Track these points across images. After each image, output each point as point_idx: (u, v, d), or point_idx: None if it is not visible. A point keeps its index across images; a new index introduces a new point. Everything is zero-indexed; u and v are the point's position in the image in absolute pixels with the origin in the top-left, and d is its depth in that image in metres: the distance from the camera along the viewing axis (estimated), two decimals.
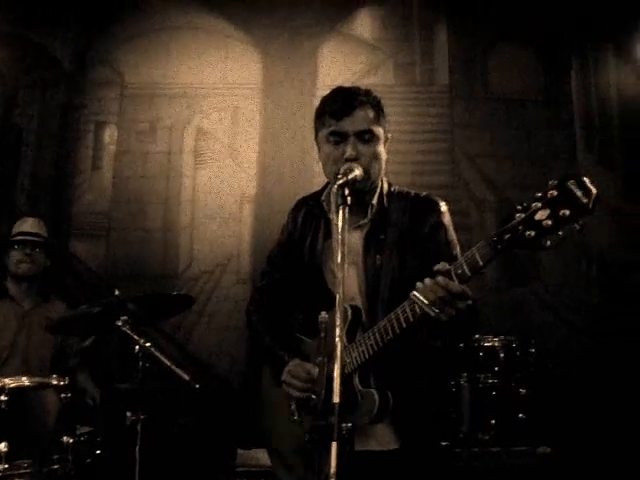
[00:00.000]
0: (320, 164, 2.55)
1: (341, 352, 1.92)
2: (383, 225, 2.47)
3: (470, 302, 2.09)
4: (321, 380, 2.00)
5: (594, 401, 4.95)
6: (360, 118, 2.42)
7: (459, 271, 2.05)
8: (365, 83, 5.71)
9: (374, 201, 2.50)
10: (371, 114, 2.45)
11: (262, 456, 4.60)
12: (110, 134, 5.80)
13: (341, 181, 2.17)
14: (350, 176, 2.23)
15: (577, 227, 1.82)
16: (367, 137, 2.42)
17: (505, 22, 5.83)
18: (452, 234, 2.52)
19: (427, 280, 2.07)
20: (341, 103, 2.45)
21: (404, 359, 2.36)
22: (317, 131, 2.54)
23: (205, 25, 5.92)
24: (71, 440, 3.40)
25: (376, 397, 2.29)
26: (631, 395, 4.91)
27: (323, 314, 2.04)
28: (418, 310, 2.12)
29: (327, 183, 2.64)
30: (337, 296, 1.97)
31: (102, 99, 5.81)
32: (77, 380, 4.25)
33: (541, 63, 5.83)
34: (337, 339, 1.92)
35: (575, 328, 5.39)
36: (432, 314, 2.06)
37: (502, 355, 4.35)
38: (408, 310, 2.16)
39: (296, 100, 5.77)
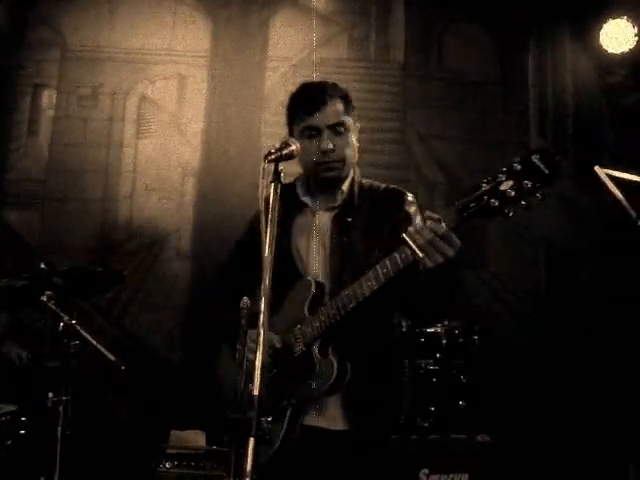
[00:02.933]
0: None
1: (264, 341, 1.87)
2: (351, 210, 2.58)
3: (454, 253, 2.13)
4: (242, 371, 1.89)
5: (535, 390, 4.97)
6: (331, 112, 2.54)
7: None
8: (317, 57, 5.61)
9: (344, 187, 2.60)
10: (340, 107, 2.56)
11: (196, 437, 4.51)
12: (49, 98, 5.53)
13: (273, 156, 2.10)
14: (285, 151, 2.14)
15: (539, 197, 1.97)
16: (340, 129, 2.54)
17: (463, 1, 5.72)
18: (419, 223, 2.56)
19: (417, 223, 2.21)
20: (312, 98, 2.57)
21: (362, 335, 2.41)
22: (290, 126, 2.64)
23: None
24: None
25: (335, 365, 2.34)
26: (571, 385, 4.93)
27: (245, 299, 1.94)
28: (404, 257, 2.18)
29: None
30: (264, 280, 1.90)
31: (41, 61, 5.53)
32: (3, 350, 4.11)
33: (498, 45, 5.75)
34: (260, 327, 1.87)
35: (520, 316, 5.38)
36: (418, 258, 2.12)
37: (444, 341, 4.33)
38: (392, 259, 2.21)
39: (245, 72, 5.61)
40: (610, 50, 5.42)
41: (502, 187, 1.98)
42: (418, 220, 2.51)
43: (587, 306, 5.14)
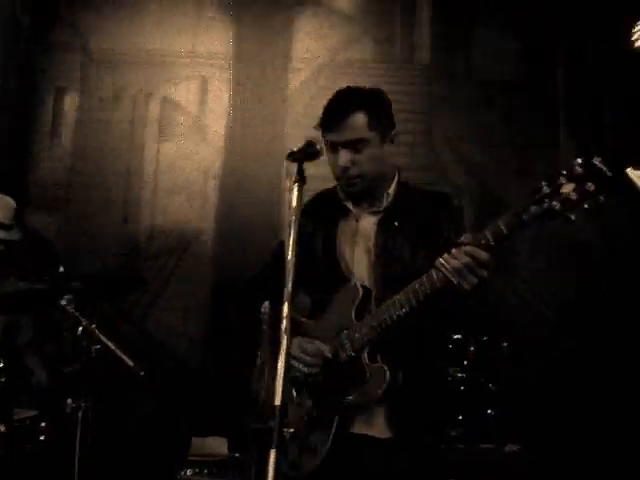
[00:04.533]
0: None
1: (287, 348, 1.82)
2: (397, 214, 2.56)
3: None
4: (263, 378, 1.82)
5: (564, 399, 4.84)
6: (349, 128, 2.48)
7: (482, 241, 2.14)
8: (341, 58, 5.56)
9: (390, 190, 2.59)
10: (362, 121, 2.49)
11: (218, 444, 4.45)
12: (71, 101, 5.51)
13: (297, 155, 2.08)
14: (308, 151, 2.10)
15: (602, 199, 1.96)
16: (359, 146, 2.49)
17: (490, 1, 5.62)
18: (465, 227, 2.58)
19: (453, 249, 2.17)
20: (331, 114, 2.54)
21: (411, 343, 2.40)
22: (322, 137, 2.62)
23: None
24: (3, 428, 3.19)
25: (387, 373, 2.30)
26: (603, 394, 4.81)
27: (266, 304, 1.88)
28: (441, 277, 2.18)
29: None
30: (287, 284, 1.90)
31: (63, 64, 5.52)
32: (26, 361, 4.06)
33: (526, 45, 5.62)
34: (283, 333, 1.82)
35: (550, 323, 5.25)
36: (455, 281, 2.13)
37: (472, 348, 4.24)
38: (430, 278, 2.22)
39: (268, 73, 5.55)
40: None
41: (563, 189, 1.97)
42: (463, 228, 2.53)
43: (617, 313, 5.01)
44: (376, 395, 2.31)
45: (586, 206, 1.96)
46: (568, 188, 1.96)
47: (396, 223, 2.52)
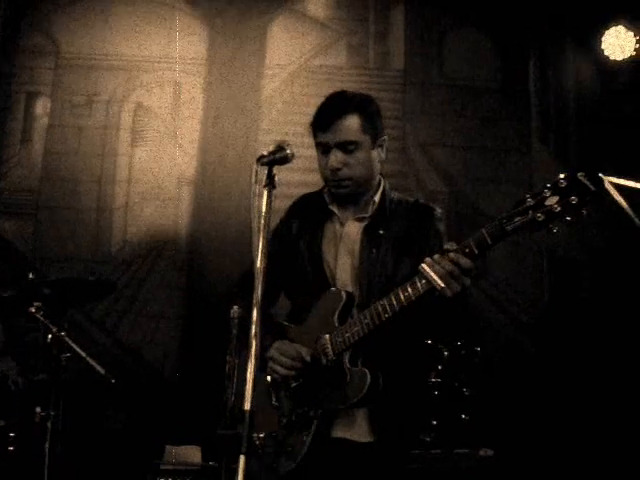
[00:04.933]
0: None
1: (256, 352, 1.81)
2: (383, 222, 2.56)
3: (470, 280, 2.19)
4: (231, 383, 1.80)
5: (539, 403, 4.87)
6: (343, 129, 2.49)
7: (467, 250, 2.15)
8: (315, 64, 5.54)
9: (376, 198, 2.59)
10: (355, 124, 2.50)
11: (192, 453, 4.41)
12: (42, 106, 5.46)
13: (266, 159, 2.06)
14: (278, 155, 2.09)
15: (584, 213, 1.98)
16: (350, 148, 2.49)
17: (464, 7, 5.65)
18: (446, 239, 2.58)
19: (436, 255, 2.17)
20: (324, 114, 2.54)
21: (393, 347, 2.40)
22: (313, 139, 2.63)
23: None
24: None
25: (368, 376, 2.29)
26: (576, 397, 4.84)
27: (235, 308, 1.85)
28: (424, 284, 2.18)
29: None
30: (256, 289, 1.89)
31: (35, 68, 5.46)
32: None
33: (499, 51, 5.68)
34: (252, 338, 1.79)
35: (523, 326, 5.29)
36: (439, 287, 2.13)
37: (446, 353, 4.25)
38: (413, 284, 2.22)
39: (242, 79, 5.53)
40: (612, 57, 5.37)
41: (547, 202, 2.00)
42: (445, 235, 2.55)
43: (590, 316, 5.05)
44: (357, 398, 2.30)
45: (568, 219, 2.00)
46: (552, 201, 2.00)
47: (381, 231, 2.53)
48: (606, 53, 5.38)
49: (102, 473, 4.47)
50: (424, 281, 2.19)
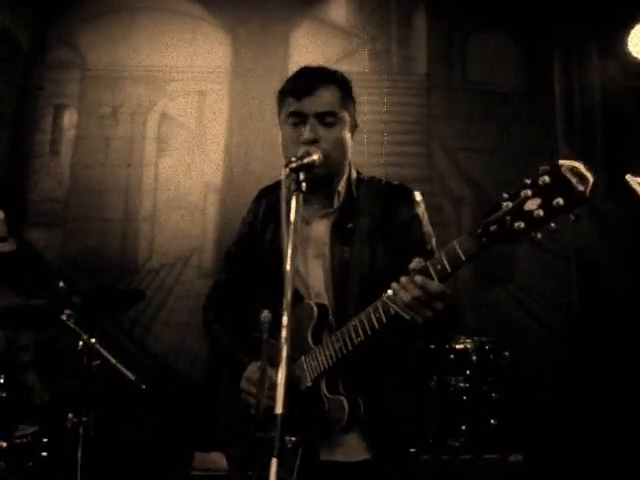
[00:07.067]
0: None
1: (287, 357, 1.71)
2: (352, 214, 2.30)
3: (447, 303, 1.92)
4: (261, 387, 1.79)
5: (568, 407, 4.82)
6: (323, 98, 2.23)
7: (438, 267, 1.87)
8: (339, 70, 5.53)
9: (341, 188, 2.32)
10: (336, 95, 2.26)
11: (221, 459, 4.41)
12: (69, 118, 5.53)
13: (294, 165, 1.97)
14: (306, 160, 2.01)
15: (572, 218, 1.62)
16: (329, 120, 2.23)
17: (486, 10, 5.63)
18: (427, 226, 2.34)
19: (403, 278, 1.91)
20: (303, 81, 2.28)
21: (374, 363, 2.19)
22: (279, 112, 2.35)
23: (172, 5, 5.66)
24: (4, 444, 3.17)
25: (345, 405, 2.11)
26: (606, 401, 4.78)
27: (265, 313, 1.83)
28: (392, 311, 1.95)
29: None
30: (286, 294, 1.76)
31: (62, 81, 5.54)
32: (26, 378, 4.04)
33: (522, 54, 5.67)
34: (282, 342, 1.72)
35: (551, 331, 5.24)
36: (407, 317, 1.91)
37: (474, 358, 4.24)
38: (380, 311, 1.99)
39: (266, 87, 5.50)
40: (637, 57, 5.31)
41: (527, 206, 1.63)
42: (425, 222, 2.31)
43: (620, 320, 4.99)
44: (337, 428, 2.12)
45: (553, 226, 1.64)
46: (533, 204, 1.63)
47: (350, 225, 2.27)
48: (632, 53, 5.33)
49: (133, 479, 4.50)
50: (391, 310, 1.95)
